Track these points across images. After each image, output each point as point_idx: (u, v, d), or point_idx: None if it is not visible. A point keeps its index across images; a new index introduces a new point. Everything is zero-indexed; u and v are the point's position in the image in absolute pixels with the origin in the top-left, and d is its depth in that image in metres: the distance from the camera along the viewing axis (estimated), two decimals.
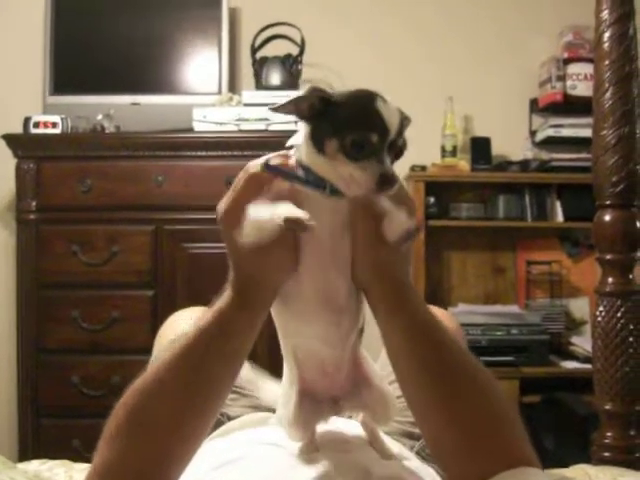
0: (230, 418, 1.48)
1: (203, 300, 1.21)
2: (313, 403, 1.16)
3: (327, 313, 1.08)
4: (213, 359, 1.04)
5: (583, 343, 3.82)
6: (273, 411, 1.30)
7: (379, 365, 1.28)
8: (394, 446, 1.29)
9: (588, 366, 2.36)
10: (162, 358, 1.05)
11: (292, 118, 1.03)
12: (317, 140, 0.99)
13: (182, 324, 1.47)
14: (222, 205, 1.06)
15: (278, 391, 1.25)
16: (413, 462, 1.25)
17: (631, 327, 1.78)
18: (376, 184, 0.96)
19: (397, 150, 1.00)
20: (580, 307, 4.13)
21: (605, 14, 1.82)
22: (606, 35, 1.80)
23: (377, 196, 1.00)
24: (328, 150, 0.98)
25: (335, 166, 0.98)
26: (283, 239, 0.99)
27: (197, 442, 1.07)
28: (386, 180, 0.96)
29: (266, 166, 1.03)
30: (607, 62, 1.80)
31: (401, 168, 3.92)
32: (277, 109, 1.00)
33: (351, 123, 0.97)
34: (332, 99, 0.99)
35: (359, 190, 0.98)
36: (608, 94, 1.79)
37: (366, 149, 0.96)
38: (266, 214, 0.98)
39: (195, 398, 1.04)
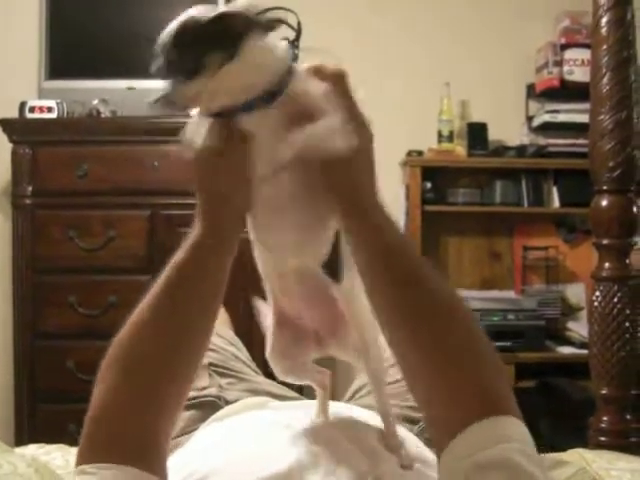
0: (228, 402, 1.48)
1: None
2: (294, 333, 1.18)
3: (285, 223, 1.07)
4: (191, 290, 1.04)
5: (579, 328, 3.83)
6: (272, 395, 1.30)
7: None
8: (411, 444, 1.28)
9: (584, 351, 2.36)
10: (144, 300, 1.05)
11: None
12: None
13: None
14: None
15: None
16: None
17: (627, 312, 1.79)
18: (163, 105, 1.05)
19: (188, 52, 1.00)
20: (576, 293, 4.13)
21: None
22: (604, 20, 1.80)
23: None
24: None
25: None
26: (229, 149, 1.02)
27: (184, 386, 1.06)
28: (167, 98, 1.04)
29: None
30: (605, 47, 1.80)
31: (398, 153, 3.93)
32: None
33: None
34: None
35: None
36: (605, 79, 1.79)
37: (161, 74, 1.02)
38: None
39: (177, 337, 1.03)
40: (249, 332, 1.56)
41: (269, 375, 1.35)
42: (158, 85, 1.06)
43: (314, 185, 1.02)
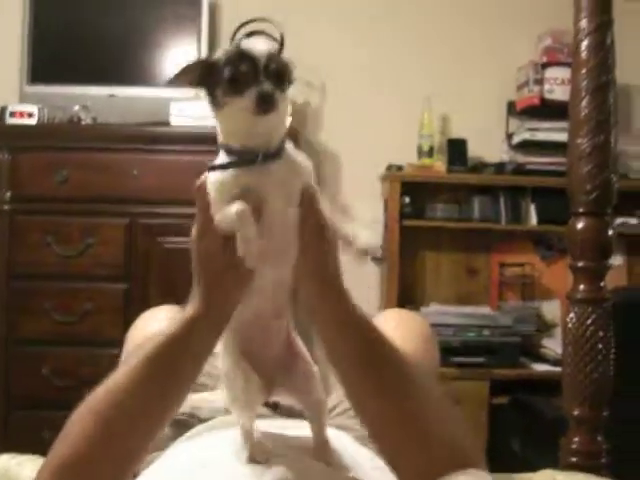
0: (201, 420, 1.48)
1: (176, 295, 1.25)
2: (251, 370, 1.20)
3: (273, 293, 1.15)
4: (181, 364, 1.11)
5: (554, 346, 3.83)
6: None
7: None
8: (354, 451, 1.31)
9: (558, 369, 2.37)
10: (129, 364, 1.12)
11: None
12: (211, 98, 1.08)
13: (154, 324, 1.52)
14: (197, 227, 1.12)
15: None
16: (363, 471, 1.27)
17: (601, 334, 1.80)
18: (255, 103, 1.02)
19: (276, 73, 1.06)
20: (552, 310, 4.15)
21: (584, 23, 1.83)
22: (584, 44, 1.82)
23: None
24: (221, 102, 1.06)
25: (232, 113, 1.06)
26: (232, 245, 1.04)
27: (155, 436, 1.14)
28: (265, 98, 1.03)
29: (210, 168, 1.09)
30: (584, 71, 1.81)
31: (377, 167, 3.94)
32: (171, 82, 1.10)
33: (225, 68, 1.05)
34: (214, 62, 1.07)
35: (248, 117, 1.03)
36: (584, 102, 1.81)
37: (241, 80, 1.03)
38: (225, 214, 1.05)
39: (156, 402, 1.11)
40: None
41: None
42: (142, 92, 1.11)
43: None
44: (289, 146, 1.11)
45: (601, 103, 1.79)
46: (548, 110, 3.94)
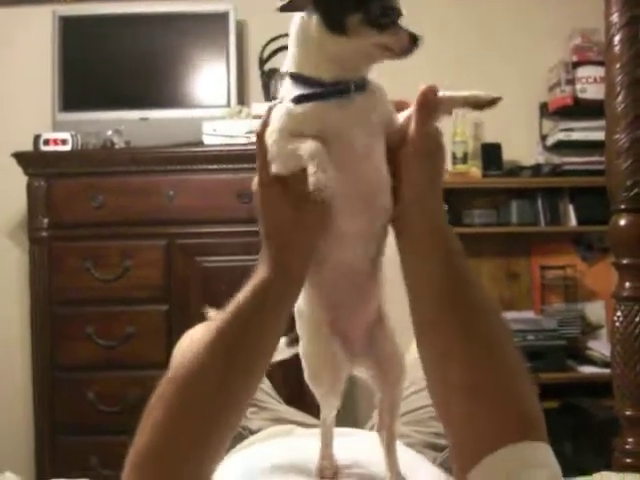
0: (252, 432, 1.47)
1: None
2: (335, 346, 1.14)
3: (359, 236, 1.07)
4: (253, 334, 1.02)
5: (600, 347, 3.80)
6: (295, 422, 1.28)
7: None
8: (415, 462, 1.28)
9: (606, 370, 2.34)
10: (196, 346, 1.03)
11: None
12: (334, 22, 1.00)
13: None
14: (258, 175, 1.06)
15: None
16: None
17: None
18: (410, 43, 1.01)
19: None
20: (596, 311, 4.11)
21: (615, 17, 1.81)
22: (616, 38, 1.79)
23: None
24: (351, 26, 0.98)
25: (358, 44, 1.00)
26: (300, 193, 0.98)
27: (233, 428, 1.06)
28: (416, 38, 1.01)
29: (296, 99, 1.02)
30: (618, 65, 1.79)
31: None
32: (285, 6, 1.02)
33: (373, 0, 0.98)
34: None
35: (385, 55, 1.01)
36: (620, 98, 1.78)
37: (392, 15, 1.00)
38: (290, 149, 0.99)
39: (236, 376, 1.01)
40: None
41: (290, 404, 1.34)
42: (173, 114, 1.07)
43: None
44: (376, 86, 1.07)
45: (637, 97, 1.76)
46: (581, 109, 3.92)
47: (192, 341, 1.14)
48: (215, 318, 1.05)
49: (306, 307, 1.14)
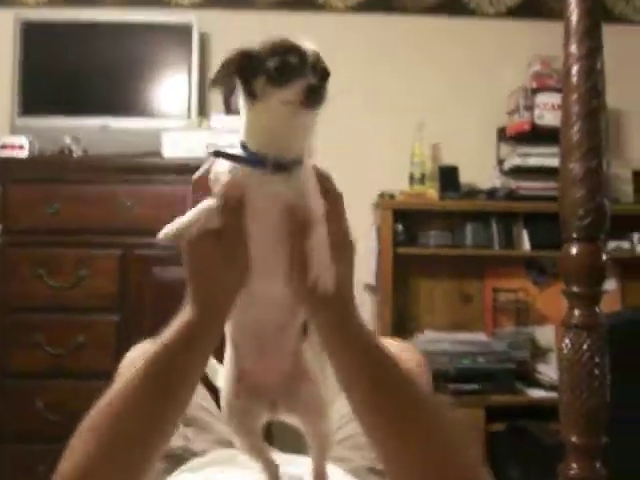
0: (194, 453, 1.46)
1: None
2: (250, 397, 1.18)
3: (272, 303, 1.11)
4: (178, 373, 1.07)
5: (549, 371, 3.83)
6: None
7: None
8: None
9: (554, 394, 2.35)
10: (126, 379, 1.07)
11: None
12: (250, 91, 1.03)
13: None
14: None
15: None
16: None
17: (597, 360, 1.79)
18: (303, 95, 0.99)
19: (322, 73, 1.03)
20: (546, 335, 4.14)
21: (573, 48, 1.83)
22: (574, 69, 1.81)
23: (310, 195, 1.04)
24: (259, 91, 1.01)
25: (269, 106, 1.01)
26: (227, 233, 1.03)
27: (160, 452, 1.11)
28: (313, 90, 0.99)
29: (215, 152, 1.07)
30: (575, 96, 1.81)
31: (369, 195, 3.94)
32: (213, 82, 1.05)
33: (271, 56, 1.01)
34: (253, 52, 1.04)
35: (288, 110, 1.00)
36: (575, 128, 1.80)
37: (289, 70, 1.00)
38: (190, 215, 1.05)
39: (162, 412, 1.06)
40: None
41: None
42: (133, 123, 1.08)
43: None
44: (309, 163, 1.07)
45: (593, 128, 1.79)
46: (539, 135, 3.96)
47: (125, 367, 1.19)
48: (143, 353, 1.10)
49: (225, 358, 1.19)
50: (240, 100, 1.06)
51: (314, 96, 0.99)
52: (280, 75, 1.00)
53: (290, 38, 1.03)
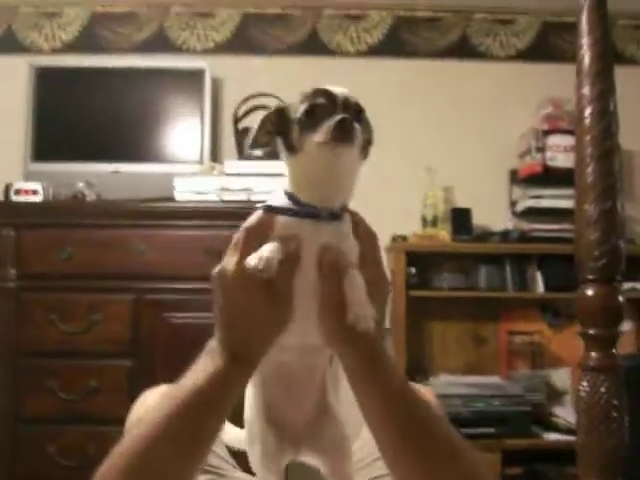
0: None
1: (183, 371, 1.19)
2: (276, 434, 1.16)
3: (304, 346, 1.10)
4: (209, 418, 1.05)
5: (565, 414, 3.80)
6: None
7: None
8: None
9: (570, 438, 2.34)
10: (151, 421, 1.05)
11: (273, 187, 1.07)
12: (288, 144, 1.03)
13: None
14: (227, 265, 1.03)
15: (241, 434, 1.24)
16: None
17: (614, 402, 1.77)
18: (333, 131, 0.97)
19: (353, 109, 1.02)
20: (561, 377, 4.12)
21: (586, 90, 1.83)
22: (587, 111, 1.82)
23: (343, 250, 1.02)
24: (296, 142, 1.01)
25: (309, 154, 1.00)
26: (280, 282, 1.00)
27: None
28: (343, 125, 0.98)
29: (266, 208, 1.05)
30: (588, 137, 1.81)
31: (382, 238, 3.92)
32: (253, 144, 1.05)
33: (302, 104, 1.01)
34: (288, 106, 1.04)
35: (324, 154, 0.99)
36: (589, 169, 1.80)
37: (318, 114, 0.99)
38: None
39: (190, 455, 1.05)
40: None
41: (248, 470, 1.32)
42: (145, 168, 1.08)
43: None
44: (348, 212, 1.06)
45: (607, 169, 1.78)
46: (551, 177, 3.97)
47: (146, 411, 1.17)
48: (167, 396, 1.08)
49: (250, 396, 1.17)
50: (282, 156, 1.05)
51: (346, 130, 0.98)
52: (310, 119, 0.99)
53: (321, 85, 1.03)
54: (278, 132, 1.04)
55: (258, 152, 3.67)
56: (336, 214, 1.03)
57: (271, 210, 1.04)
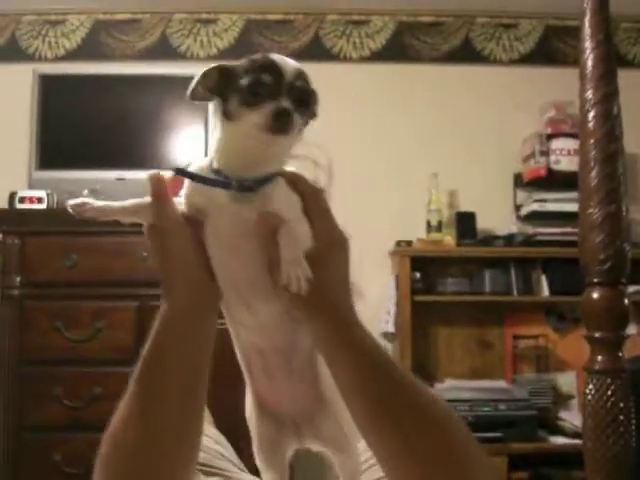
0: None
1: None
2: (275, 422, 1.16)
3: (262, 325, 1.09)
4: (172, 355, 1.10)
5: (571, 418, 3.79)
6: None
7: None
8: None
9: (577, 441, 2.33)
10: (135, 375, 1.13)
11: None
12: (225, 110, 1.00)
13: None
14: (156, 216, 1.11)
15: None
16: None
17: (621, 405, 1.77)
18: (271, 120, 0.95)
19: (299, 94, 0.99)
20: (567, 381, 4.11)
21: (589, 94, 1.83)
22: (591, 114, 1.82)
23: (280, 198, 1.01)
24: (233, 110, 0.98)
25: (239, 129, 0.98)
26: (175, 234, 1.07)
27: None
28: (281, 115, 0.95)
29: (176, 170, 1.06)
30: (592, 141, 1.81)
31: (387, 243, 3.94)
32: (191, 96, 1.02)
33: (247, 75, 0.98)
34: (232, 68, 1.01)
35: (257, 135, 0.97)
36: (594, 173, 1.80)
37: (261, 91, 0.96)
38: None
39: (167, 417, 1.10)
40: (234, 427, 1.54)
41: (255, 471, 1.32)
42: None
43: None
44: (279, 182, 1.03)
45: (611, 172, 1.78)
46: (555, 181, 3.98)
47: None
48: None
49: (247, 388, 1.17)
50: (214, 116, 1.04)
51: (284, 121, 0.96)
52: (252, 96, 0.97)
53: (272, 56, 1.00)
54: (218, 92, 1.01)
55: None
56: (249, 186, 1.01)
57: (179, 173, 1.05)
